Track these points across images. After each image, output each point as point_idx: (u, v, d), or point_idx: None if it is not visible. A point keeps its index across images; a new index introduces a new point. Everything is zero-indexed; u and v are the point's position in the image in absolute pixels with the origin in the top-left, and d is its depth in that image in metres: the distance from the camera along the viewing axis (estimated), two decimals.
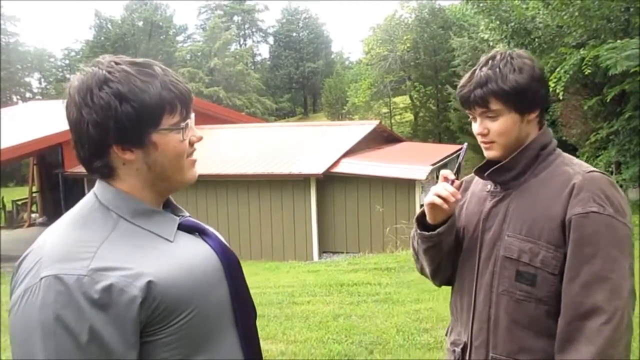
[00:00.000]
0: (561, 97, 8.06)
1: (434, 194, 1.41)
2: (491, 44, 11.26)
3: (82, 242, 0.96)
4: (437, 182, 1.46)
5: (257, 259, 10.91)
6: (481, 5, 9.82)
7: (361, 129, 14.46)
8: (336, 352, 3.98)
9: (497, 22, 9.67)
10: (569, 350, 1.26)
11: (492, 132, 1.40)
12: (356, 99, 31.19)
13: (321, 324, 4.76)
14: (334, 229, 11.62)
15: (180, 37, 46.84)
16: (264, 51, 63.70)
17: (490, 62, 1.39)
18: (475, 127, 1.44)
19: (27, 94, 41.78)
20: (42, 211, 16.56)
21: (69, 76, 39.86)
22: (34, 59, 41.78)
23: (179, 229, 1.07)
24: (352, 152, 12.49)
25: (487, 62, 1.39)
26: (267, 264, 9.97)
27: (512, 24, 9.41)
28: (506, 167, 1.41)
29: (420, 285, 6.15)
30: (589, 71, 7.17)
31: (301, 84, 46.57)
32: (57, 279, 0.91)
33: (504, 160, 1.41)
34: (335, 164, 11.61)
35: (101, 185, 1.04)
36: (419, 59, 28.60)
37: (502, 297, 1.38)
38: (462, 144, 1.70)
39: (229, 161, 12.15)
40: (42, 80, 44.24)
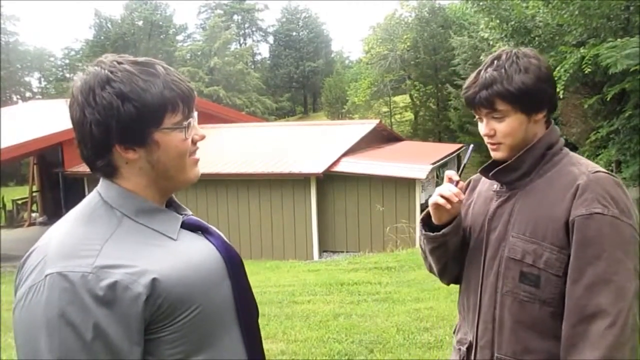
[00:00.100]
0: (561, 96, 8.05)
1: (437, 195, 1.41)
2: (491, 42, 11.26)
3: (87, 240, 0.96)
4: (436, 181, 1.45)
5: (258, 258, 10.92)
6: (481, 4, 9.80)
7: (361, 128, 14.47)
8: (336, 351, 3.98)
9: (497, 21, 9.65)
10: (574, 354, 1.25)
11: (498, 133, 1.39)
12: (356, 98, 31.16)
13: (321, 323, 4.76)
14: (334, 228, 11.62)
15: (180, 37, 46.81)
16: (264, 50, 63.88)
17: (495, 62, 1.37)
18: (481, 128, 1.43)
19: (27, 94, 41.80)
20: (42, 210, 16.56)
21: (68, 75, 39.94)
22: (33, 58, 41.76)
23: (182, 227, 1.08)
24: (352, 151, 12.50)
25: (492, 63, 1.38)
26: (268, 263, 9.97)
27: (512, 23, 9.39)
28: (511, 167, 1.40)
29: (420, 284, 6.15)
30: (589, 70, 7.16)
31: (301, 83, 46.54)
32: (62, 276, 0.91)
33: (510, 160, 1.40)
34: (335, 163, 11.62)
35: (105, 183, 1.05)
36: (419, 58, 28.57)
37: (507, 297, 1.37)
38: (463, 143, 1.70)
39: (229, 161, 12.14)
40: (42, 79, 44.27)
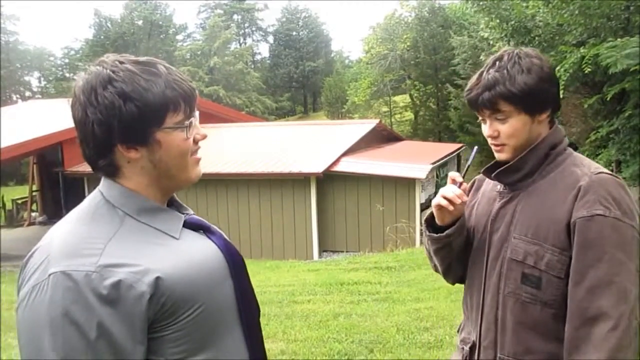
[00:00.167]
0: (561, 96, 8.04)
1: (440, 196, 1.41)
2: (491, 42, 11.26)
3: (90, 239, 0.97)
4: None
5: (258, 258, 10.92)
6: (481, 3, 9.80)
7: (361, 127, 14.46)
8: (336, 351, 3.98)
9: (497, 21, 9.65)
10: (577, 357, 1.25)
11: (502, 134, 1.38)
12: (356, 97, 31.15)
13: (321, 322, 4.76)
14: (334, 228, 11.62)
15: (180, 36, 46.78)
16: (264, 50, 63.91)
17: (497, 63, 1.36)
18: (484, 130, 1.42)
19: (27, 93, 41.75)
20: (42, 210, 16.56)
21: (68, 75, 39.91)
22: (33, 57, 41.72)
23: (184, 226, 1.08)
24: (352, 151, 12.49)
25: (494, 64, 1.37)
26: (268, 262, 9.97)
27: (512, 23, 9.40)
28: (514, 168, 1.40)
29: (420, 284, 6.16)
30: (589, 69, 7.16)
31: (301, 83, 46.53)
32: (66, 275, 0.91)
33: (513, 160, 1.40)
34: (335, 163, 11.61)
35: (107, 183, 1.05)
36: (419, 58, 28.56)
37: (509, 298, 1.37)
38: (463, 143, 1.70)
39: (228, 160, 12.14)
40: (42, 79, 44.20)
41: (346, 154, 12.15)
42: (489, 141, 1.42)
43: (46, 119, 14.49)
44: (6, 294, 6.11)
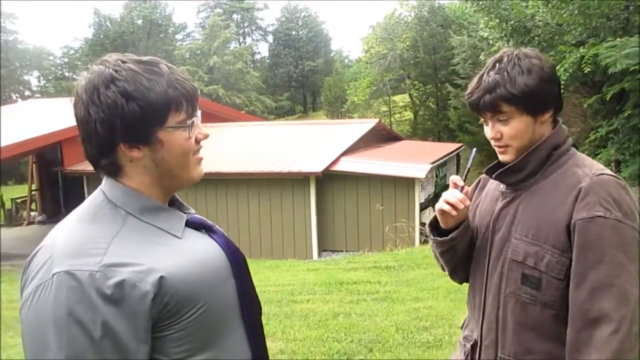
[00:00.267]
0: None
1: (443, 201, 1.41)
2: (490, 42, 11.26)
3: (93, 239, 0.97)
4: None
5: (257, 257, 10.91)
6: (481, 3, 9.81)
7: (361, 127, 14.45)
8: (336, 351, 3.98)
9: (497, 21, 9.66)
10: (579, 359, 1.25)
11: (505, 135, 1.38)
12: (355, 97, 31.12)
13: (321, 322, 4.77)
14: (334, 227, 11.62)
15: (179, 36, 46.70)
16: (264, 49, 63.81)
17: (497, 65, 1.36)
18: (487, 132, 1.42)
19: (26, 92, 41.68)
20: (41, 209, 16.55)
21: (67, 74, 39.88)
22: (32, 57, 41.66)
23: (186, 225, 1.09)
24: (351, 150, 12.49)
25: (494, 66, 1.37)
26: (267, 262, 9.97)
27: (512, 22, 9.41)
28: (516, 168, 1.39)
29: (419, 283, 6.16)
30: (589, 69, 7.17)
31: (301, 83, 46.50)
32: (70, 275, 0.91)
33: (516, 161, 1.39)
34: (334, 163, 11.61)
35: (108, 182, 1.05)
36: (419, 58, 28.53)
37: (509, 299, 1.37)
38: (462, 142, 1.70)
39: (228, 160, 12.13)
40: (41, 78, 44.12)
41: (345, 153, 12.15)
42: (492, 143, 1.42)
43: (45, 118, 14.48)
44: (5, 293, 6.10)
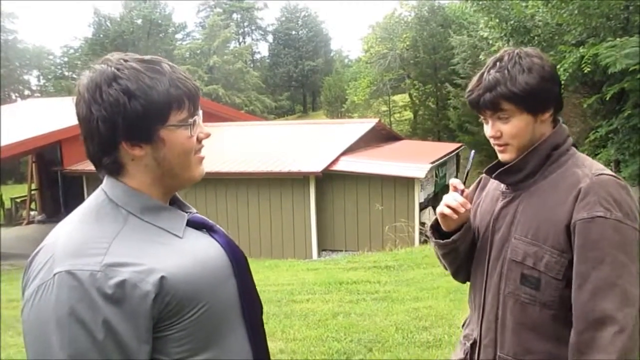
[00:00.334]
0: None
1: (443, 205, 1.41)
2: (490, 42, 11.27)
3: (94, 238, 0.97)
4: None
5: (257, 257, 10.91)
6: (480, 3, 9.81)
7: (360, 127, 14.45)
8: (335, 350, 3.99)
9: (497, 20, 9.66)
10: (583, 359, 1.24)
11: (505, 134, 1.38)
12: (355, 97, 31.12)
13: (320, 322, 4.77)
14: (333, 227, 11.62)
15: (179, 35, 46.65)
16: (263, 49, 63.76)
17: (498, 63, 1.36)
18: (487, 130, 1.41)
19: (26, 92, 41.65)
20: (41, 209, 16.55)
21: (67, 74, 39.81)
22: (32, 56, 41.61)
23: (187, 225, 1.09)
24: (351, 150, 12.49)
25: (494, 64, 1.36)
26: (267, 262, 9.97)
27: (512, 22, 9.41)
28: (516, 168, 1.39)
29: (419, 283, 6.16)
30: (589, 69, 7.18)
31: (300, 82, 46.49)
32: (71, 275, 0.91)
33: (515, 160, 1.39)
34: (334, 162, 11.61)
35: (110, 181, 1.05)
36: (419, 57, 28.53)
37: (509, 298, 1.38)
38: (462, 142, 1.70)
39: (228, 159, 12.13)
40: (41, 77, 44.05)
41: (345, 153, 12.15)
42: (492, 142, 1.42)
43: (45, 117, 14.48)
44: (5, 293, 6.09)
